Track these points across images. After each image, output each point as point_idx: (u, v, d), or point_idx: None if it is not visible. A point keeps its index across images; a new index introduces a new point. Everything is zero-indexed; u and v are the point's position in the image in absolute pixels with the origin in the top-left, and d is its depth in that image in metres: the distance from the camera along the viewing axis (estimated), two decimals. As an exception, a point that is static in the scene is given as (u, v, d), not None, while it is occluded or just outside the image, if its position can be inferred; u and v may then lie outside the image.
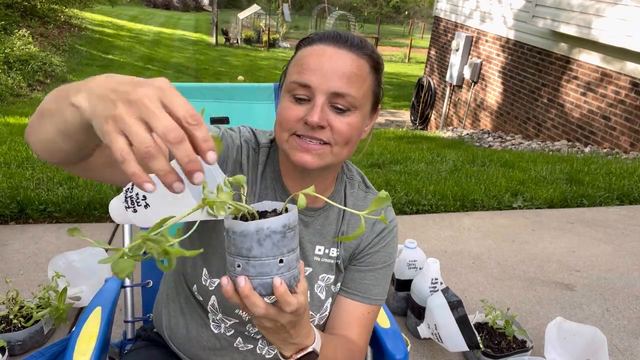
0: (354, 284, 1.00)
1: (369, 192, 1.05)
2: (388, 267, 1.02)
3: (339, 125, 0.84)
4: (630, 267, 2.72)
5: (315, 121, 0.81)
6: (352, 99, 0.83)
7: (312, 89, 0.82)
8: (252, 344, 1.00)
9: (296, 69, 0.85)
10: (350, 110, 0.85)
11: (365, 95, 0.87)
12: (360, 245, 1.00)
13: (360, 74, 0.85)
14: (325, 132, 0.84)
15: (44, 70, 10.29)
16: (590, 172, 4.23)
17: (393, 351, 1.08)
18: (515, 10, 7.37)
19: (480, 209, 3.47)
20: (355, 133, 0.87)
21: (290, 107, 0.85)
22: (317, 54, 0.84)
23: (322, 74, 0.82)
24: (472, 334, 1.70)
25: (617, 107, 5.62)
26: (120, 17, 21.42)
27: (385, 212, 1.03)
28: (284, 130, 0.85)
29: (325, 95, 0.82)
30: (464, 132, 8.25)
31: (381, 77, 0.94)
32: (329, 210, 1.00)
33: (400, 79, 16.40)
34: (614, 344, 2.07)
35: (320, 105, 0.82)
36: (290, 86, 0.85)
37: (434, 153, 5.04)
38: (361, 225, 0.65)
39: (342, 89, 0.82)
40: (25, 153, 3.74)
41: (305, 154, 0.84)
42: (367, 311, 0.98)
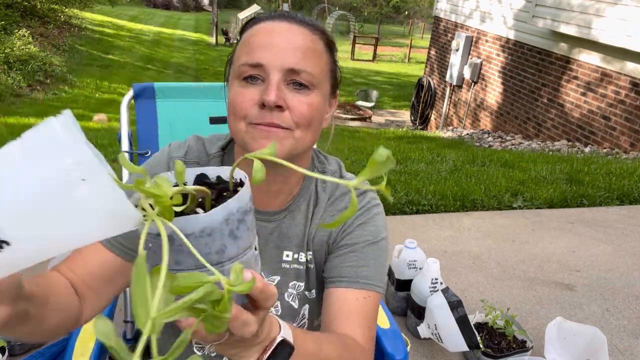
0: (336, 270, 0.86)
1: (343, 187, 0.93)
2: (375, 245, 0.87)
3: (298, 105, 0.75)
4: (630, 267, 2.72)
5: (272, 100, 0.72)
6: (309, 76, 0.76)
7: (265, 67, 0.74)
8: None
9: (244, 50, 0.77)
10: (309, 88, 0.77)
11: (323, 73, 0.80)
12: (334, 230, 0.89)
13: (315, 49, 0.78)
14: (284, 116, 0.75)
15: (44, 70, 10.30)
16: (590, 172, 4.23)
17: (392, 352, 1.08)
18: (515, 10, 7.37)
19: (480, 209, 3.47)
20: (316, 115, 0.79)
21: (241, 91, 0.76)
22: (267, 30, 0.77)
23: (275, 50, 0.74)
24: (472, 334, 1.70)
25: (617, 107, 5.62)
26: (120, 17, 21.42)
27: (363, 195, 0.91)
28: (239, 119, 0.76)
29: (280, 72, 0.74)
30: (464, 132, 8.25)
31: (336, 58, 0.85)
32: (294, 210, 0.90)
33: (400, 79, 16.41)
34: (614, 344, 2.07)
35: (276, 82, 0.74)
36: (239, 70, 0.76)
37: (434, 153, 5.04)
38: (352, 202, 0.44)
39: (298, 65, 0.74)
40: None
41: (265, 141, 0.75)
42: (356, 297, 0.83)
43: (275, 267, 0.90)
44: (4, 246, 0.32)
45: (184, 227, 0.43)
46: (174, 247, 0.45)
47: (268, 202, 0.88)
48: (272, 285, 0.51)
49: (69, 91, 10.22)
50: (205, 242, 0.45)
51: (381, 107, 12.83)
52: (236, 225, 0.47)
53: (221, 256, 0.47)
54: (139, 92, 1.51)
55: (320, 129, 0.83)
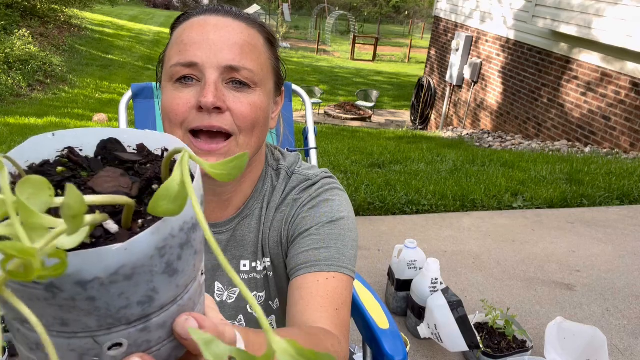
0: (293, 260, 0.77)
1: (296, 174, 0.84)
2: (332, 224, 0.77)
3: (239, 107, 0.69)
4: (630, 267, 2.72)
5: (210, 101, 0.65)
6: (250, 73, 0.69)
7: (200, 66, 0.67)
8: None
9: (176, 49, 0.70)
10: (250, 87, 0.70)
11: (265, 70, 0.73)
12: (286, 220, 0.81)
13: (254, 44, 0.71)
14: (224, 118, 0.68)
15: (44, 70, 10.29)
16: (590, 172, 4.23)
17: (392, 352, 1.08)
18: (515, 10, 7.37)
19: (480, 209, 3.47)
20: (261, 115, 0.71)
21: (175, 95, 0.68)
22: (199, 25, 0.69)
23: (209, 46, 0.67)
24: (472, 334, 1.70)
25: (617, 107, 5.62)
26: (120, 17, 21.41)
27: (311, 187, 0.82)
28: (175, 125, 0.69)
29: (217, 70, 0.68)
30: (464, 132, 8.25)
31: (278, 53, 0.79)
32: (248, 216, 0.83)
33: (400, 79, 16.40)
34: (614, 344, 2.07)
35: (213, 82, 0.67)
36: (171, 71, 0.69)
37: (434, 153, 5.04)
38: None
39: (236, 61, 0.68)
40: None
41: (208, 158, 0.67)
42: (316, 279, 0.73)
43: (232, 280, 0.84)
44: None
45: (78, 270, 0.25)
46: (57, 300, 0.26)
47: (220, 213, 0.82)
48: (229, 327, 0.39)
49: (69, 91, 10.22)
50: (120, 292, 0.27)
51: (381, 107, 12.83)
52: (177, 255, 0.28)
53: (147, 308, 0.29)
54: (137, 91, 1.50)
55: (266, 129, 0.76)
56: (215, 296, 0.84)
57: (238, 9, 0.75)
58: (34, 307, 0.26)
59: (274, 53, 0.77)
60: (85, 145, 0.32)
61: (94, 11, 17.87)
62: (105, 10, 20.06)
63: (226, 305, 0.85)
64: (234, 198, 0.81)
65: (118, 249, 0.25)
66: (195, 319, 0.32)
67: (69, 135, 0.32)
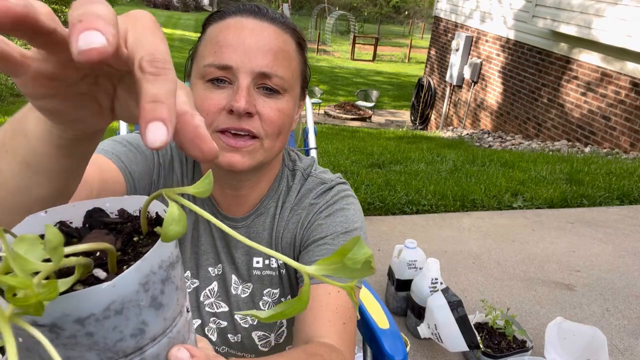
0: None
1: (312, 177, 0.86)
2: (346, 235, 0.79)
3: (268, 112, 0.71)
4: (630, 267, 2.72)
5: (242, 107, 0.67)
6: (281, 80, 0.71)
7: (234, 70, 0.69)
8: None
9: (211, 49, 0.70)
10: (280, 93, 0.72)
11: (295, 76, 0.75)
12: (302, 224, 0.83)
13: (287, 50, 0.73)
14: (253, 122, 0.70)
15: (44, 70, 10.30)
16: (590, 172, 4.23)
17: (392, 352, 1.08)
18: (515, 10, 7.37)
19: (480, 209, 3.47)
20: (287, 121, 0.74)
21: (207, 95, 0.70)
22: (236, 27, 0.70)
23: (244, 51, 0.68)
24: (472, 334, 1.70)
25: (617, 107, 5.62)
26: (120, 17, 21.42)
27: (327, 192, 0.84)
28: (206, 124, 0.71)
29: (250, 75, 0.69)
30: (464, 132, 8.25)
31: (306, 58, 0.80)
32: (262, 214, 0.85)
33: (400, 79, 16.40)
34: (614, 344, 2.07)
35: (246, 87, 0.68)
36: (204, 70, 0.70)
37: (434, 153, 5.04)
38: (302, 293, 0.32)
39: (269, 68, 0.69)
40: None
41: (234, 154, 0.70)
42: (327, 292, 0.74)
43: (247, 274, 0.85)
44: None
45: (75, 309, 0.28)
46: (61, 339, 0.29)
47: (236, 209, 0.84)
48: (220, 359, 0.41)
49: (69, 91, 10.22)
50: (113, 326, 0.30)
51: (381, 107, 12.83)
52: (160, 289, 0.32)
53: (140, 339, 0.32)
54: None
55: (289, 132, 0.78)
56: (232, 289, 0.86)
57: (272, 9, 0.75)
58: (41, 351, 0.30)
59: (303, 57, 0.78)
60: (74, 217, 0.37)
61: (94, 11, 17.85)
62: (105, 10, 20.05)
63: (240, 299, 0.86)
64: (251, 195, 0.83)
65: (107, 286, 0.29)
66: (187, 350, 0.34)
67: (59, 210, 0.37)
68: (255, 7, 0.73)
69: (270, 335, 0.86)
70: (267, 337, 0.86)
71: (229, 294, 0.86)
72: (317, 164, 0.91)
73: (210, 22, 0.75)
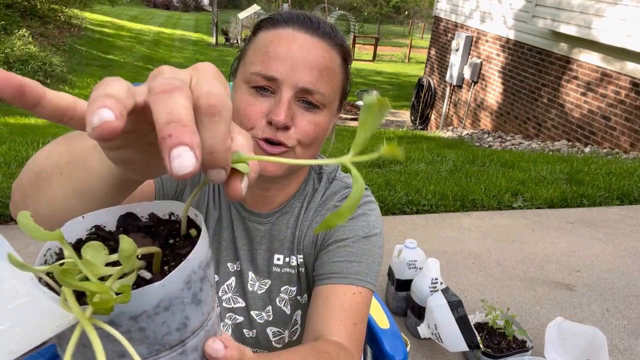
0: (325, 267, 0.81)
1: (337, 180, 0.90)
2: (366, 240, 0.83)
3: (305, 125, 0.73)
4: (630, 267, 2.72)
5: (281, 121, 0.70)
6: (321, 97, 0.73)
7: (279, 82, 0.71)
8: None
9: (260, 57, 0.72)
10: (319, 107, 0.74)
11: (335, 92, 0.77)
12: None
13: (332, 68, 0.75)
14: (289, 134, 0.73)
15: (44, 70, 10.29)
16: (590, 172, 4.23)
17: (392, 352, 1.08)
18: (515, 10, 7.37)
19: (480, 209, 3.47)
20: (321, 134, 0.77)
21: (250, 101, 0.73)
22: (287, 40, 0.72)
23: (291, 65, 0.71)
24: (472, 334, 1.70)
25: (617, 107, 5.62)
26: (120, 17, 21.42)
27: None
28: (245, 128, 0.72)
29: (293, 89, 0.71)
30: (464, 132, 8.25)
31: (349, 70, 0.82)
32: (287, 213, 0.88)
33: (400, 79, 16.40)
34: (614, 344, 2.07)
35: (287, 101, 0.71)
36: (250, 77, 0.72)
37: (434, 153, 5.04)
38: (357, 183, 0.32)
39: (312, 85, 0.72)
40: (25, 153, 3.74)
41: (268, 162, 0.72)
42: (344, 292, 0.78)
43: (266, 271, 0.87)
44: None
45: (130, 307, 0.32)
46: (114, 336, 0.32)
47: (263, 205, 0.87)
48: (248, 350, 0.43)
49: (69, 91, 10.22)
50: (162, 321, 0.34)
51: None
52: (199, 287, 0.36)
53: (183, 333, 0.36)
54: (138, 92, 1.50)
55: (322, 143, 0.80)
56: (248, 286, 0.88)
57: (324, 21, 0.76)
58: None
59: (346, 72, 0.80)
60: (107, 222, 0.41)
61: (94, 11, 17.88)
62: (105, 10, 20.07)
63: (256, 295, 0.88)
64: (279, 196, 0.86)
65: (158, 286, 0.33)
66: (221, 341, 0.39)
67: (94, 215, 0.40)
68: (308, 20, 0.75)
69: (285, 332, 0.88)
70: (282, 333, 0.88)
71: (246, 290, 0.88)
72: (340, 169, 0.94)
73: (262, 27, 0.76)
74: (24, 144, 4.07)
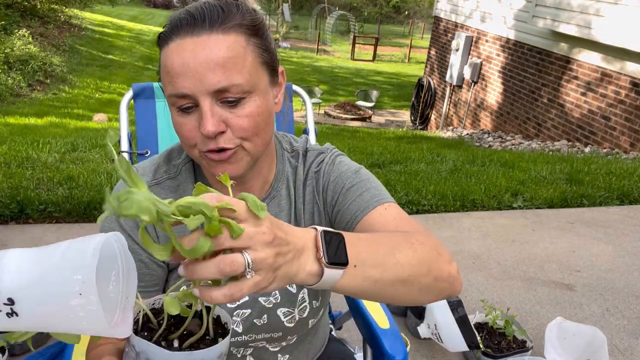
0: (346, 214, 0.83)
1: (310, 151, 0.92)
2: (358, 174, 0.87)
3: (238, 122, 0.71)
4: (630, 267, 2.72)
5: (210, 131, 0.69)
6: (239, 88, 0.70)
7: (192, 96, 0.69)
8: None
9: (166, 78, 0.71)
10: (243, 98, 0.71)
11: (253, 72, 0.72)
12: (317, 191, 0.89)
13: (234, 54, 0.69)
14: (227, 136, 0.72)
15: (44, 70, 10.29)
16: (590, 172, 4.23)
17: (392, 352, 1.08)
18: (515, 10, 7.37)
19: (480, 209, 3.47)
20: (261, 120, 0.74)
21: (181, 121, 0.73)
22: (177, 52, 0.69)
23: (192, 75, 0.68)
24: (472, 334, 1.70)
25: (617, 107, 5.62)
26: (120, 17, 21.41)
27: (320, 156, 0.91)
28: (190, 147, 0.75)
29: (208, 95, 0.69)
30: (464, 132, 8.25)
31: (266, 39, 0.75)
32: (275, 197, 0.89)
33: (400, 79, 16.40)
34: (614, 344, 2.07)
35: (208, 109, 0.69)
36: (170, 100, 0.73)
37: (434, 153, 5.04)
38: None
39: (222, 83, 0.68)
40: (25, 153, 3.74)
41: (224, 165, 0.74)
42: (379, 213, 0.80)
43: None
44: (14, 316, 0.43)
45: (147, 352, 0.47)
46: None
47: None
48: (239, 202, 0.48)
49: (69, 91, 10.22)
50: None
51: (381, 107, 12.83)
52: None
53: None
54: (138, 92, 1.50)
55: (271, 125, 0.79)
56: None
57: (208, 8, 0.70)
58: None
59: (260, 44, 0.74)
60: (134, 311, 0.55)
61: (94, 11, 17.86)
62: (105, 10, 20.05)
63: None
64: (256, 182, 0.87)
65: (207, 350, 0.49)
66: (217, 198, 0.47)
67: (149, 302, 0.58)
68: (191, 17, 0.70)
69: (294, 310, 0.90)
70: (292, 312, 0.90)
71: None
72: (310, 141, 0.96)
73: (160, 47, 0.73)
74: (24, 144, 4.07)
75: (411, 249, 0.65)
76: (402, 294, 0.64)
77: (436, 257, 0.67)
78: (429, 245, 0.68)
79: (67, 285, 0.41)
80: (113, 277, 0.48)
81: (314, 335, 1.04)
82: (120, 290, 0.48)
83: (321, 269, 0.55)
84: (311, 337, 1.03)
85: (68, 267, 0.41)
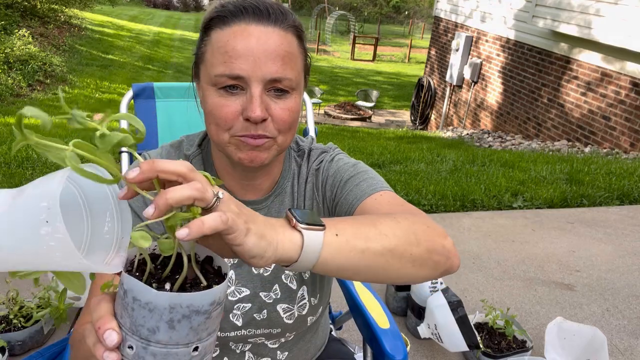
0: (344, 205, 0.85)
1: (313, 150, 0.94)
2: (355, 167, 0.89)
3: (280, 113, 0.75)
4: (630, 267, 2.72)
5: (259, 116, 0.72)
6: (289, 82, 0.75)
7: (246, 79, 0.72)
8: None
9: (220, 58, 0.73)
10: (289, 92, 0.76)
11: (300, 73, 0.79)
12: (317, 187, 0.92)
13: (291, 51, 0.75)
14: (267, 126, 0.75)
15: (44, 70, 10.29)
16: (590, 172, 4.23)
17: (392, 352, 1.08)
18: (516, 10, 7.37)
19: (480, 209, 3.47)
20: (296, 117, 0.79)
21: (222, 102, 0.74)
22: (243, 36, 0.72)
23: (254, 60, 0.72)
24: (472, 334, 1.70)
25: (617, 107, 5.62)
26: (120, 17, 21.41)
27: (322, 155, 0.94)
28: (222, 130, 0.76)
29: (262, 82, 0.73)
30: (464, 132, 8.25)
31: (306, 46, 0.82)
32: (280, 193, 0.91)
33: (400, 79, 16.40)
34: (614, 344, 2.07)
35: (259, 95, 0.73)
36: (215, 80, 0.74)
37: (434, 153, 5.04)
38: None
39: (279, 73, 0.73)
40: (25, 153, 3.74)
41: (254, 152, 0.76)
42: (374, 199, 0.81)
43: None
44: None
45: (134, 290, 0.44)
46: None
47: (253, 193, 0.90)
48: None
49: (69, 91, 10.22)
50: (142, 315, 0.44)
51: (381, 107, 12.83)
52: (178, 318, 0.45)
53: (150, 335, 0.45)
54: (138, 92, 1.51)
55: (298, 123, 0.83)
56: (253, 269, 0.91)
57: (271, 5, 0.76)
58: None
59: (304, 49, 0.81)
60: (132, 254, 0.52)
61: (94, 11, 17.86)
62: (105, 10, 20.06)
63: (263, 277, 0.91)
64: (265, 182, 0.90)
65: (197, 294, 0.45)
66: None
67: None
68: (257, 9, 0.74)
69: (294, 307, 0.92)
70: (291, 309, 0.91)
71: (252, 274, 0.90)
72: (315, 141, 0.99)
73: (213, 26, 0.75)
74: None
75: (393, 221, 0.64)
76: (395, 266, 0.62)
77: (425, 229, 0.66)
78: (416, 220, 0.67)
79: (34, 215, 0.40)
80: (108, 217, 0.48)
81: (314, 334, 1.05)
82: (114, 230, 0.48)
83: (300, 234, 0.54)
84: (310, 335, 1.03)
85: (35, 195, 0.41)
